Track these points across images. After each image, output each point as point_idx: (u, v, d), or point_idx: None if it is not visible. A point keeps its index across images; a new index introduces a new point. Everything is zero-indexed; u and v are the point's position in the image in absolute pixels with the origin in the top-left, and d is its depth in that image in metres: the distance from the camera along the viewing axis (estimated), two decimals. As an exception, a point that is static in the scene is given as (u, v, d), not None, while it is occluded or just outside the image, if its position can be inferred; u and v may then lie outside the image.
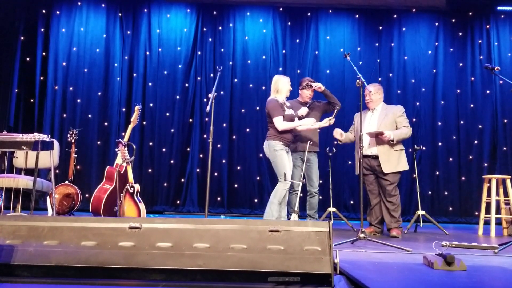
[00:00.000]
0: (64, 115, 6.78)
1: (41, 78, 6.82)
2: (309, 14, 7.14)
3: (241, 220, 2.42)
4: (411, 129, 4.86)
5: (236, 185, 6.81)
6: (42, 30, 6.91)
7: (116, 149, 4.97)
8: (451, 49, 7.07)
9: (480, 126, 6.86)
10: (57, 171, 6.06)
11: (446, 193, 6.76)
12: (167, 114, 6.89)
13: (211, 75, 6.97)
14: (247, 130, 6.86)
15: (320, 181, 6.67)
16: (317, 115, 4.91)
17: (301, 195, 4.38)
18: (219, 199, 6.76)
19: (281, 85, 4.53)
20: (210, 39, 7.08)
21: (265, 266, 2.18)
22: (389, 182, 4.68)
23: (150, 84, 6.93)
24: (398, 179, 4.75)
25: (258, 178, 6.80)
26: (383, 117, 4.79)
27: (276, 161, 4.39)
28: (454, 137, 6.87)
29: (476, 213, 6.29)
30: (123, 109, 6.84)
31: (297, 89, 5.05)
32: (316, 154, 5.04)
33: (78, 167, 6.41)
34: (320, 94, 4.94)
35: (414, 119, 6.83)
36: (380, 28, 7.13)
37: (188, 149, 6.86)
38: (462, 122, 6.89)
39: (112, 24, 7.02)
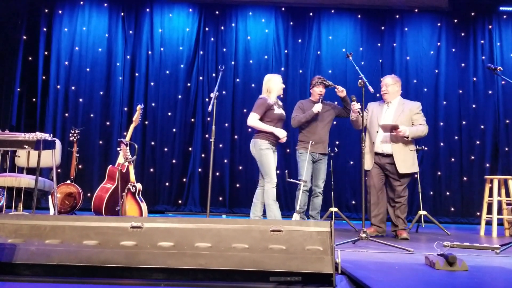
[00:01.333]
0: (66, 115, 6.79)
1: (43, 77, 6.83)
2: (311, 14, 7.13)
3: (243, 219, 2.42)
4: (428, 128, 4.71)
5: (238, 185, 6.80)
6: (45, 29, 6.91)
7: (118, 149, 4.98)
8: (453, 49, 7.05)
9: (482, 127, 6.84)
10: (59, 170, 6.08)
11: (447, 193, 6.75)
12: (169, 113, 6.90)
13: (213, 74, 6.97)
14: (249, 130, 6.82)
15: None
16: (331, 116, 5.07)
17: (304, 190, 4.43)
18: (220, 198, 6.76)
19: (272, 84, 4.59)
20: (212, 39, 7.08)
21: (267, 265, 2.18)
22: (400, 183, 4.54)
23: (152, 83, 6.94)
24: (409, 179, 4.62)
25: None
26: (400, 113, 4.59)
27: (262, 160, 4.45)
28: (456, 137, 6.86)
29: (478, 213, 6.28)
30: (125, 109, 6.85)
31: (300, 89, 5.07)
32: (326, 156, 5.13)
33: (80, 166, 6.42)
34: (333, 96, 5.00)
35: (416, 119, 6.82)
36: (382, 28, 7.13)
37: (190, 148, 6.86)
38: (464, 122, 6.87)
39: (114, 23, 7.02)
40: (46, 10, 6.94)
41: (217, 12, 7.12)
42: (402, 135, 4.44)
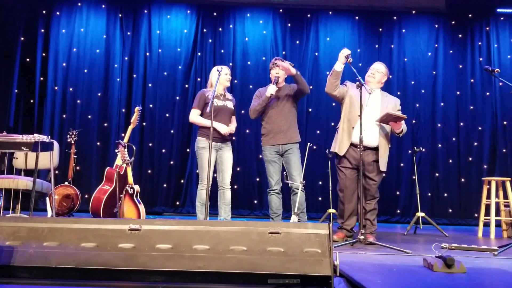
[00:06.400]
0: (64, 116, 6.77)
1: (41, 78, 6.81)
2: (309, 15, 7.14)
3: (241, 221, 2.42)
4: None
5: (235, 186, 6.78)
6: (42, 30, 6.90)
7: (116, 150, 4.97)
8: (451, 51, 7.07)
9: (479, 128, 6.86)
10: (56, 172, 6.06)
11: (445, 194, 6.76)
12: (167, 115, 6.89)
13: (211, 76, 6.96)
14: (247, 131, 6.86)
15: (320, 182, 6.70)
16: (288, 99, 4.45)
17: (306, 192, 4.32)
18: (218, 200, 6.74)
19: (212, 77, 4.44)
20: (210, 40, 7.08)
21: (265, 268, 2.17)
22: (375, 181, 4.20)
23: (150, 85, 6.93)
24: (381, 179, 4.33)
25: (257, 179, 6.79)
26: (386, 105, 4.24)
27: (198, 160, 4.43)
28: (454, 138, 6.87)
29: (476, 215, 6.29)
30: (123, 110, 6.84)
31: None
32: (296, 146, 4.43)
33: (78, 168, 6.40)
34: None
35: (414, 121, 6.83)
36: (380, 29, 7.14)
37: (188, 150, 6.85)
38: (461, 124, 6.89)
39: (112, 25, 7.01)
40: (44, 12, 6.93)
41: (215, 14, 7.12)
42: (398, 129, 4.17)
